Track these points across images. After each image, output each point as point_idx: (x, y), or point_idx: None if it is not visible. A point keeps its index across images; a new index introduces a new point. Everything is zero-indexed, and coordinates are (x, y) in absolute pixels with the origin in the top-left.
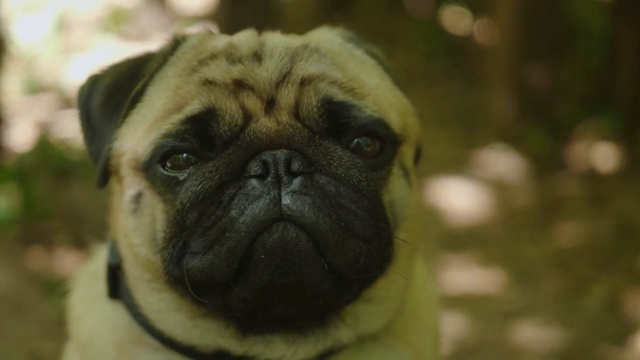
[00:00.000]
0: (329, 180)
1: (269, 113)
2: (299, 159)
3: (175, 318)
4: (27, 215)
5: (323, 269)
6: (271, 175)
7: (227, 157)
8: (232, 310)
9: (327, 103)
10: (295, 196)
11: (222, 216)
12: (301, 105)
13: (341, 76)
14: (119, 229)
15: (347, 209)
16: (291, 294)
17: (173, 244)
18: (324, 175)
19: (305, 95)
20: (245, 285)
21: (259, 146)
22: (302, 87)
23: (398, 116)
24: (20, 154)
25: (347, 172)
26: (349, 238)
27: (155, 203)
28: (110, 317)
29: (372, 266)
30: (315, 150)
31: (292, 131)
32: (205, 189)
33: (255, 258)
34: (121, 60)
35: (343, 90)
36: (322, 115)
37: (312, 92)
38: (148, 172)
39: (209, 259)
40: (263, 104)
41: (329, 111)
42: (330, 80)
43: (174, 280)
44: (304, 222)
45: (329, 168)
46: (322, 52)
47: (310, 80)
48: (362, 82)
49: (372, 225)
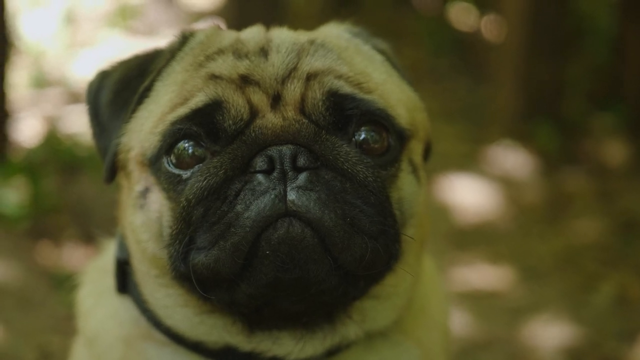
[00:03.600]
0: (335, 175)
1: (274, 109)
2: (305, 154)
3: (182, 313)
4: (36, 209)
5: (329, 265)
6: (277, 170)
7: (232, 152)
8: (238, 306)
9: (332, 96)
10: (301, 192)
11: (228, 211)
12: (307, 100)
13: (347, 70)
14: (127, 224)
15: (353, 204)
16: (297, 290)
17: (179, 240)
18: (330, 171)
19: (311, 90)
20: (251, 281)
21: (264, 142)
22: (308, 82)
23: (406, 112)
24: (28, 148)
25: (354, 168)
26: (354, 234)
27: (162, 199)
28: (118, 312)
29: (379, 263)
30: (321, 145)
31: (298, 127)
32: (211, 185)
33: (261, 254)
34: (130, 56)
35: (349, 83)
36: (328, 108)
37: (318, 86)
38: (154, 167)
39: (214, 255)
40: (269, 100)
41: (334, 104)
42: (337, 75)
43: (181, 276)
44: (310, 218)
45: (335, 163)
46: (329, 47)
47: (316, 75)
48: (369, 77)
49: (379, 221)
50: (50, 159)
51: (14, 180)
